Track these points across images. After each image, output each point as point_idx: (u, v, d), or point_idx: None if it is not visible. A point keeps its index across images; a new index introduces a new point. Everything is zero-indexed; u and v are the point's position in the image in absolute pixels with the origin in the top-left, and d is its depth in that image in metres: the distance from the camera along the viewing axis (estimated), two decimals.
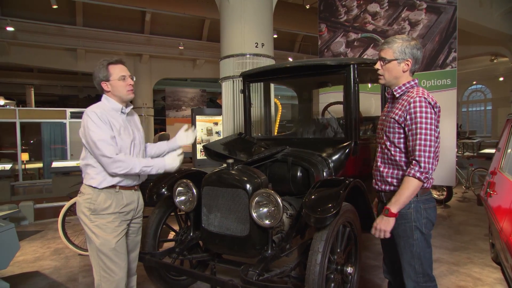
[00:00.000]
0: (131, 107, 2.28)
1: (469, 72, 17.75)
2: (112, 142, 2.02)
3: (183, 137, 2.51)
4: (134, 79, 2.22)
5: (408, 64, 1.91)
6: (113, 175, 2.06)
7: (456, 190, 7.17)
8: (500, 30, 10.87)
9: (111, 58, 2.15)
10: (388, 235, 1.82)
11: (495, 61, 16.21)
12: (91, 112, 2.04)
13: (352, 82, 2.87)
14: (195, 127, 2.68)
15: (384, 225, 1.81)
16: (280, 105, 8.92)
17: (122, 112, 2.18)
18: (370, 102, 4.60)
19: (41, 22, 11.30)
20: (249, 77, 3.55)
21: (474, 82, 19.95)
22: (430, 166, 1.75)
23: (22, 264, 3.91)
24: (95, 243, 2.04)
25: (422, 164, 1.75)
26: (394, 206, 1.80)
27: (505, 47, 12.62)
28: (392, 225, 1.82)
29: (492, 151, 6.99)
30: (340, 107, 3.96)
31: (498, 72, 17.74)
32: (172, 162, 2.23)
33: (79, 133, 2.10)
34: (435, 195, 6.30)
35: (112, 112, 2.13)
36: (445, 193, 6.39)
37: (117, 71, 2.11)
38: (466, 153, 11.16)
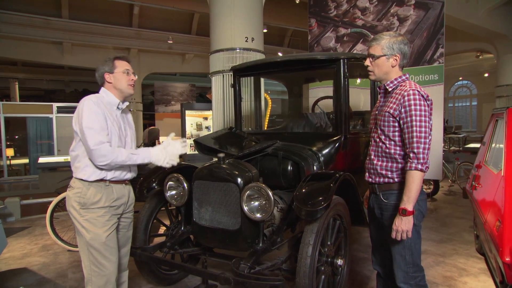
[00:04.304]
0: (127, 103, 2.27)
1: (456, 68, 18.02)
2: (102, 132, 1.99)
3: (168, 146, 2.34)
4: (136, 77, 2.25)
5: (396, 59, 1.96)
6: (99, 167, 2.03)
7: (442, 184, 7.32)
8: (485, 27, 11.07)
9: (118, 55, 2.23)
10: (410, 234, 1.86)
11: (480, 57, 16.51)
12: (88, 99, 2.04)
13: (342, 77, 2.89)
14: (184, 139, 2.54)
15: (405, 226, 1.84)
16: (270, 100, 8.93)
17: (118, 107, 2.18)
18: (359, 97, 4.65)
19: (26, 14, 11.00)
20: (239, 71, 3.54)
21: (460, 78, 20.28)
22: (427, 156, 1.82)
23: (9, 261, 3.85)
24: (85, 237, 2.02)
25: (421, 156, 1.80)
26: (409, 204, 1.83)
27: (490, 43, 12.85)
28: (412, 223, 1.85)
29: (477, 145, 7.15)
30: (330, 101, 3.99)
31: (483, 68, 18.06)
32: (158, 153, 2.14)
33: (73, 122, 2.07)
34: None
35: (108, 106, 2.13)
36: (431, 186, 6.52)
37: (122, 64, 2.17)
38: (452, 148, 11.37)
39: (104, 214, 2.07)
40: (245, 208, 2.29)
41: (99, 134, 1.98)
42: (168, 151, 2.18)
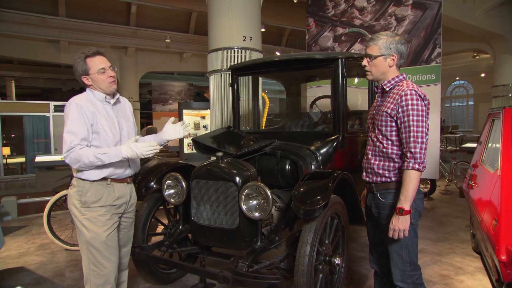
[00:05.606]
0: (117, 96, 2.21)
1: (453, 68, 18.09)
2: (77, 137, 1.94)
3: (170, 130, 2.36)
4: (116, 69, 2.14)
5: (393, 59, 1.97)
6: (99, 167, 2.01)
7: (439, 183, 7.35)
8: (482, 27, 11.12)
9: (88, 51, 2.06)
10: (407, 234, 1.87)
11: (477, 57, 16.58)
12: (72, 103, 2.01)
13: (340, 76, 2.90)
14: (184, 121, 2.53)
15: (402, 225, 1.85)
16: (267, 99, 8.93)
17: (106, 101, 2.13)
18: (357, 96, 4.66)
19: (22, 12, 10.93)
20: (238, 71, 3.54)
21: (457, 78, 20.37)
22: (424, 156, 1.83)
23: (6, 260, 3.84)
24: (86, 236, 2.02)
25: (418, 155, 1.81)
26: (406, 203, 1.84)
27: (487, 44, 12.91)
28: (409, 222, 1.86)
29: (474, 145, 7.19)
30: (328, 101, 4.01)
31: (480, 68, 18.15)
32: (128, 150, 1.98)
33: None
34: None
35: (97, 102, 2.09)
36: (428, 186, 6.55)
37: (96, 63, 2.04)
38: (449, 147, 11.42)
39: (105, 213, 2.06)
40: (244, 207, 2.30)
41: (73, 139, 1.92)
42: (134, 150, 2.01)
